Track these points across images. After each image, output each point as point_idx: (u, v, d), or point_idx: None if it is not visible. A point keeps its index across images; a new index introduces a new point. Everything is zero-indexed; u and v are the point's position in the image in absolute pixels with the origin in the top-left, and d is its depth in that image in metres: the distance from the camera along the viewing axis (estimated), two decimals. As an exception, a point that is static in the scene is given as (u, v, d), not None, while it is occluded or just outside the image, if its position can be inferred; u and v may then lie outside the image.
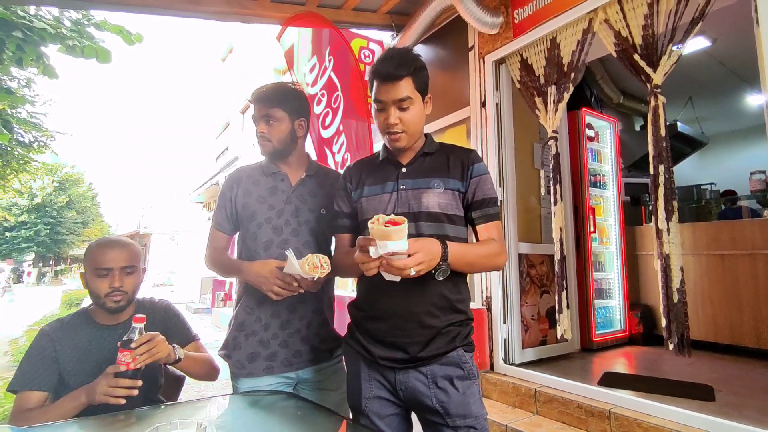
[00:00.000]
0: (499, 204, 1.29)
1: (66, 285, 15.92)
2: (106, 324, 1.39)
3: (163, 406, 1.38)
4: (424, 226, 1.17)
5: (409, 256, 0.98)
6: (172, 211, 23.33)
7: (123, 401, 1.16)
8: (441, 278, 1.10)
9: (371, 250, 0.98)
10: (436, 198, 1.19)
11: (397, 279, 1.02)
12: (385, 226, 0.96)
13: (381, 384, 1.19)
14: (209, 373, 1.47)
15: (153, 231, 22.62)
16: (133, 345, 1.18)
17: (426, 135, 1.30)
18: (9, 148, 7.80)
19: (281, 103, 1.44)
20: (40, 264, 27.59)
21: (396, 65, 1.15)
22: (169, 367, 1.60)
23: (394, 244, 0.96)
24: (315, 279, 1.24)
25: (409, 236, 1.01)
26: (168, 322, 1.48)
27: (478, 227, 1.24)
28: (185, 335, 1.52)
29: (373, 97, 1.21)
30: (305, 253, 1.25)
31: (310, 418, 1.17)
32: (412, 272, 0.98)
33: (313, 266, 1.21)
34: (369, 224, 0.98)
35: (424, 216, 1.18)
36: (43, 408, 1.23)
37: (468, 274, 1.29)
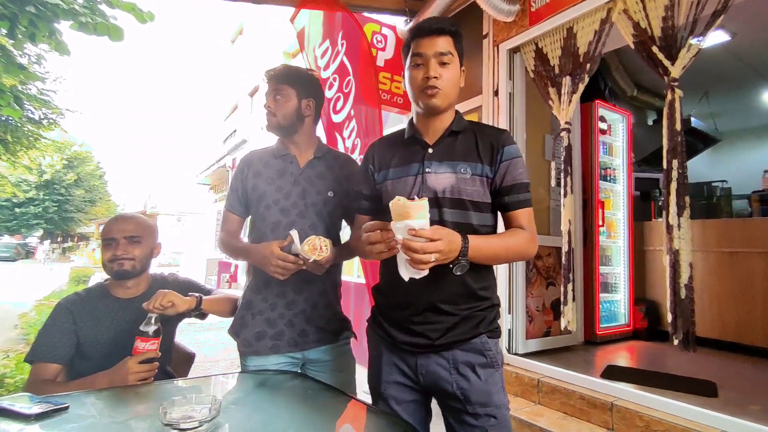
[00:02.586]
0: (530, 190, 1.20)
1: (74, 262, 16.12)
2: (122, 297, 1.43)
3: (175, 382, 1.41)
4: (448, 213, 1.13)
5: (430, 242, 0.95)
6: (179, 192, 23.46)
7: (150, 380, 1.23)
8: (458, 273, 1.07)
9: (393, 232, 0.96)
10: (463, 184, 1.14)
11: (417, 275, 0.99)
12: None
13: (401, 369, 1.18)
14: (233, 308, 1.50)
15: (159, 211, 22.78)
16: (149, 305, 1.26)
17: (456, 111, 1.24)
18: (19, 125, 7.84)
19: (290, 81, 1.47)
20: (48, 240, 27.91)
21: (437, 21, 1.15)
22: (180, 343, 1.63)
23: (415, 222, 0.92)
24: (311, 261, 1.25)
25: (432, 223, 0.98)
26: (183, 290, 1.51)
27: (507, 214, 1.19)
28: (203, 291, 1.56)
29: (410, 53, 1.17)
30: (310, 235, 1.28)
31: (318, 397, 1.19)
32: (432, 258, 0.95)
33: (312, 248, 1.24)
34: (390, 205, 0.96)
35: (448, 202, 1.13)
36: (61, 386, 1.27)
37: None
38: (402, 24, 3.92)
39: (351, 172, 1.55)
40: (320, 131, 1.61)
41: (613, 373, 2.57)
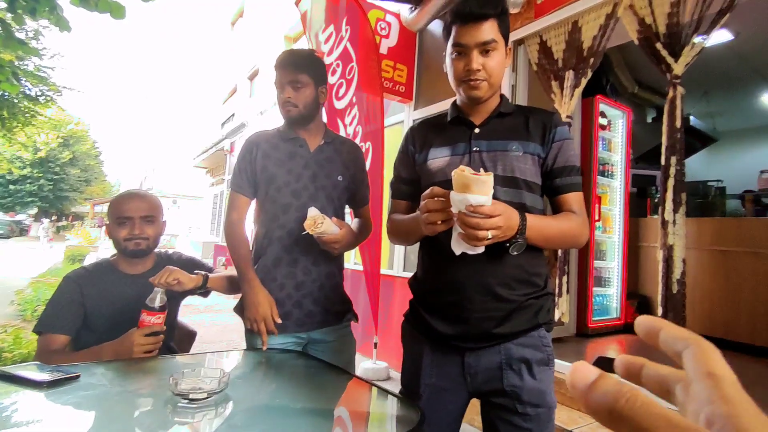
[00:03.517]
0: (582, 174, 1.13)
1: (69, 241, 16.08)
2: (129, 273, 1.46)
3: (183, 356, 1.45)
4: (500, 192, 1.03)
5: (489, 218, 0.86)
6: (175, 174, 23.34)
7: (155, 354, 1.25)
8: (515, 253, 0.98)
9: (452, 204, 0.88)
10: (515, 162, 1.06)
11: (470, 251, 0.90)
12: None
13: (444, 371, 1.08)
14: (234, 286, 1.51)
15: (155, 194, 22.67)
16: (156, 279, 1.28)
17: (501, 95, 1.17)
18: (16, 101, 7.76)
19: (308, 68, 1.46)
20: (49, 219, 27.76)
21: (482, 3, 1.04)
22: (182, 321, 1.66)
23: (474, 198, 0.84)
24: (315, 236, 1.31)
25: None
26: (188, 267, 1.53)
27: (558, 198, 1.10)
28: (206, 269, 1.57)
29: (451, 41, 1.08)
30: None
31: (322, 375, 1.22)
32: (489, 235, 0.86)
33: (312, 221, 1.29)
34: (453, 173, 0.86)
35: (500, 180, 1.04)
36: (71, 355, 1.30)
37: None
38: (406, 12, 3.90)
39: (357, 157, 1.60)
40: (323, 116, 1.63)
41: (603, 364, 2.60)
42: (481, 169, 0.89)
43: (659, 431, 0.20)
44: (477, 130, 1.12)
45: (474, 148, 1.10)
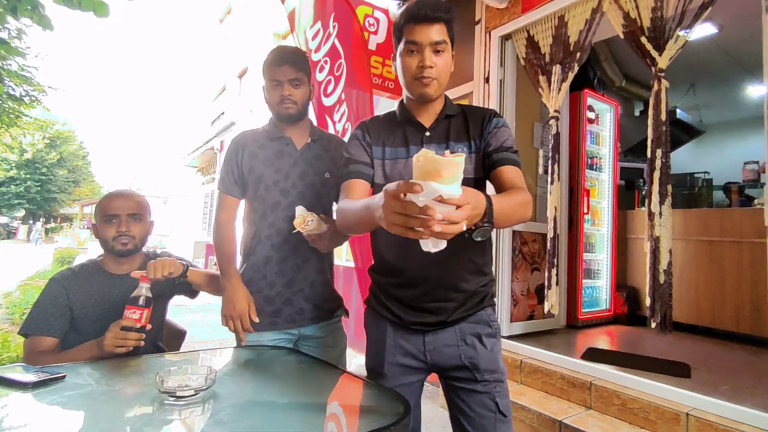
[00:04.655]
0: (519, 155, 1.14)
1: (57, 242, 15.89)
2: (116, 273, 1.45)
3: (171, 355, 1.44)
4: None
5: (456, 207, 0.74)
6: (165, 174, 23.14)
7: (127, 350, 1.23)
8: (479, 239, 0.95)
9: (412, 197, 0.72)
10: (464, 164, 1.09)
11: (439, 248, 0.78)
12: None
13: (406, 350, 1.17)
14: (215, 283, 1.50)
15: (145, 194, 22.43)
16: (147, 273, 1.28)
17: (445, 95, 1.23)
18: (0, 101, 7.64)
19: (304, 66, 1.49)
20: (30, 221, 27.42)
21: (433, 8, 1.11)
22: (171, 321, 1.66)
23: (447, 189, 0.72)
24: (305, 234, 1.32)
25: None
26: None
27: (497, 172, 1.11)
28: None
29: (404, 39, 1.14)
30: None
31: (312, 370, 1.23)
32: (464, 228, 0.76)
33: (302, 219, 1.31)
34: (414, 159, 0.75)
35: None
36: (56, 356, 1.28)
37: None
38: (395, 7, 3.89)
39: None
40: (311, 114, 1.63)
41: (592, 354, 2.66)
42: (447, 151, 0.80)
43: None
44: (428, 133, 1.18)
45: None
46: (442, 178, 0.71)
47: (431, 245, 0.78)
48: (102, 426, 0.85)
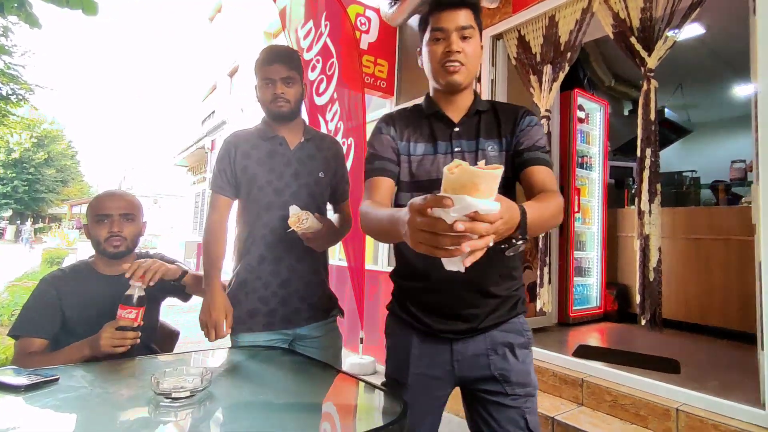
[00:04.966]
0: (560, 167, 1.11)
1: (46, 243, 15.68)
2: (108, 274, 1.43)
3: (165, 356, 1.44)
4: None
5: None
6: (155, 173, 22.95)
7: (125, 350, 1.21)
8: (511, 254, 0.90)
9: (441, 212, 0.64)
10: (492, 162, 1.04)
11: (462, 268, 0.69)
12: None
13: (433, 360, 1.10)
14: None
15: (135, 193, 22.26)
16: (134, 269, 1.26)
17: (474, 91, 1.17)
18: (-14, 100, 7.53)
19: (297, 65, 1.49)
20: (18, 221, 27.04)
21: None
22: (164, 321, 1.65)
23: (484, 204, 0.64)
24: (299, 234, 1.32)
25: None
26: None
27: (530, 171, 1.04)
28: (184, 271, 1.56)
29: (429, 28, 1.09)
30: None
31: (307, 370, 1.23)
32: (491, 243, 0.68)
33: (297, 219, 1.30)
34: (446, 170, 0.66)
35: None
36: (47, 356, 1.27)
37: None
38: (386, 6, 3.89)
39: (337, 153, 1.61)
40: (303, 114, 1.63)
41: (584, 351, 2.69)
42: (482, 161, 0.69)
43: None
44: (456, 129, 1.11)
45: (456, 149, 1.09)
46: (478, 192, 0.64)
47: (456, 264, 0.69)
48: (97, 429, 0.84)
